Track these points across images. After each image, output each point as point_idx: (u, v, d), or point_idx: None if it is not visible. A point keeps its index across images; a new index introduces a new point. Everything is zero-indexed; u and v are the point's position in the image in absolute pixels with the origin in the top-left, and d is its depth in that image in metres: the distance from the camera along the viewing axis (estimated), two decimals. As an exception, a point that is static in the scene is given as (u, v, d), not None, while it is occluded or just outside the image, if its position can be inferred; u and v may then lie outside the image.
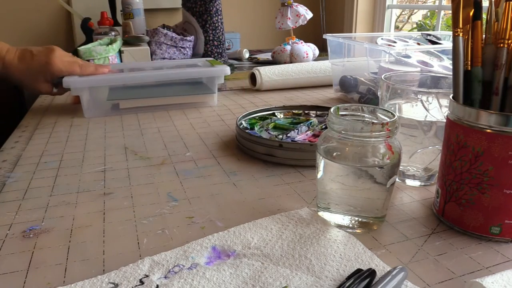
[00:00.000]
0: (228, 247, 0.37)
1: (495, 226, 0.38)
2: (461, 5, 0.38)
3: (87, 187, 0.50)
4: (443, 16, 1.55)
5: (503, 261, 0.36)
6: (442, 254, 0.37)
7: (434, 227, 0.41)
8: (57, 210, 0.45)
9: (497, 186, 0.36)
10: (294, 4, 1.30)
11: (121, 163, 0.58)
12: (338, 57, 0.95)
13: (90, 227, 0.42)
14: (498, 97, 0.37)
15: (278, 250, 0.37)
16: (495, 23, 0.37)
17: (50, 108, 0.89)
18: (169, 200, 0.47)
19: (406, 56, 0.79)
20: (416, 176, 0.50)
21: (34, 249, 0.38)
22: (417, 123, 0.47)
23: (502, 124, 0.35)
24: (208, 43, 1.35)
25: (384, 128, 0.36)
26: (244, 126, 0.66)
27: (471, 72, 0.38)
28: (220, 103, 0.91)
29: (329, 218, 0.41)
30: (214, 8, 1.32)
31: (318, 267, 0.34)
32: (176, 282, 0.32)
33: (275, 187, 0.50)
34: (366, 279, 0.32)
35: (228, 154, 0.61)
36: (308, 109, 0.73)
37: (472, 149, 0.37)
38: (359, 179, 0.38)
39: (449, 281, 0.33)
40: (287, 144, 0.56)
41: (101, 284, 0.32)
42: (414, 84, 0.53)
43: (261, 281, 0.33)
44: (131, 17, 1.32)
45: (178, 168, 0.56)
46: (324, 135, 0.40)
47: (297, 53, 1.28)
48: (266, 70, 1.02)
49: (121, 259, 0.36)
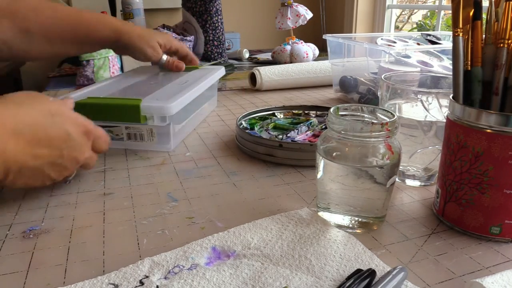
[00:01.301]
0: (228, 248, 0.37)
1: (495, 226, 0.38)
2: (461, 5, 0.38)
3: (87, 187, 0.50)
4: (443, 16, 1.55)
5: (503, 261, 0.36)
6: (442, 254, 0.37)
7: (434, 227, 0.41)
8: (57, 210, 0.45)
9: (497, 186, 0.36)
10: (294, 4, 1.30)
11: (121, 163, 0.58)
12: (338, 57, 0.95)
13: (90, 228, 0.42)
14: (498, 97, 0.37)
15: (278, 250, 0.37)
16: (495, 23, 0.37)
17: (50, 108, 0.89)
18: (169, 200, 0.47)
19: (406, 56, 0.79)
20: (416, 176, 0.50)
21: (34, 249, 0.38)
22: (417, 123, 0.47)
23: (502, 124, 0.35)
24: (208, 43, 1.35)
25: (384, 128, 0.36)
26: (244, 126, 0.66)
27: (471, 72, 0.38)
28: (220, 103, 0.91)
29: (329, 218, 0.41)
30: (214, 8, 1.32)
31: (318, 267, 0.34)
32: (176, 282, 0.32)
33: (275, 187, 0.50)
34: (366, 279, 0.32)
35: (228, 154, 0.61)
36: (308, 109, 0.73)
37: (472, 149, 0.37)
38: (359, 179, 0.38)
39: (449, 281, 0.33)
40: (287, 144, 0.56)
41: (101, 285, 0.32)
42: (414, 84, 0.53)
43: (261, 282, 0.33)
44: (131, 17, 1.32)
45: (178, 168, 0.56)
46: (324, 135, 0.40)
47: (297, 53, 1.28)
48: (266, 70, 1.02)
49: (121, 259, 0.36)
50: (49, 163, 0.40)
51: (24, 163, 0.38)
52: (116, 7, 1.53)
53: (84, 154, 0.44)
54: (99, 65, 1.04)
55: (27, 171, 0.39)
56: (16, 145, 0.37)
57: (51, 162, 0.41)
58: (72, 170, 0.44)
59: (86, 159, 0.45)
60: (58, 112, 0.42)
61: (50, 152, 0.40)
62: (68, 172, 0.44)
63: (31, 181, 0.41)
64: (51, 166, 0.41)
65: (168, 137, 0.61)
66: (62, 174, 0.43)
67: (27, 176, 0.40)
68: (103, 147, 0.48)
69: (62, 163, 0.42)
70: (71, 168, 0.44)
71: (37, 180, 0.41)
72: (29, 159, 0.38)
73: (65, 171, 0.43)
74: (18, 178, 0.39)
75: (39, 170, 0.40)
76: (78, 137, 0.43)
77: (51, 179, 0.42)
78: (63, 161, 0.42)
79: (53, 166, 0.41)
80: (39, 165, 0.40)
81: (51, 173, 0.41)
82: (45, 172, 0.41)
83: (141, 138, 0.62)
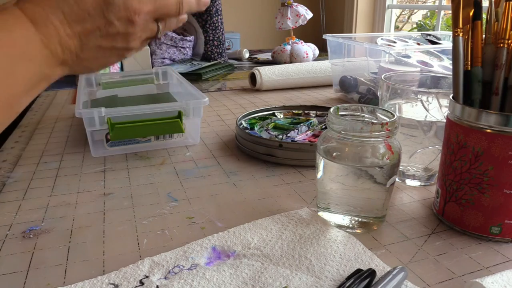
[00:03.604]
0: (228, 248, 0.37)
1: (495, 226, 0.38)
2: (461, 5, 0.38)
3: (87, 187, 0.50)
4: (443, 16, 1.55)
5: (503, 261, 0.36)
6: (442, 254, 0.37)
7: (434, 227, 0.41)
8: (57, 210, 0.45)
9: (497, 186, 0.36)
10: (294, 4, 1.30)
11: (121, 163, 0.58)
12: (338, 57, 0.95)
13: (90, 228, 0.42)
14: (498, 97, 0.37)
15: (278, 250, 0.37)
16: (495, 23, 0.37)
17: (50, 108, 0.89)
18: (169, 200, 0.47)
19: (406, 56, 0.79)
20: (416, 176, 0.50)
21: (34, 249, 0.38)
22: (417, 123, 0.47)
23: (502, 124, 0.35)
24: (208, 43, 1.35)
25: (384, 128, 0.36)
26: (244, 126, 0.66)
27: (471, 72, 0.38)
28: (220, 103, 0.91)
29: (329, 218, 0.41)
30: (214, 8, 1.32)
31: (318, 267, 0.34)
32: (176, 282, 0.32)
33: (275, 187, 0.50)
34: (366, 279, 0.32)
35: (228, 154, 0.61)
36: (308, 109, 0.73)
37: (472, 149, 0.37)
38: (359, 179, 0.38)
39: (449, 281, 0.33)
40: (287, 144, 0.56)
41: (101, 285, 0.32)
42: (414, 84, 0.53)
43: (261, 282, 0.33)
44: (131, 17, 1.31)
45: (178, 168, 0.56)
46: (324, 135, 0.40)
47: (297, 53, 1.28)
48: (266, 70, 1.02)
49: (121, 259, 0.36)
50: (103, 36, 0.34)
51: (75, 46, 0.33)
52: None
53: (136, 8, 0.35)
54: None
55: (87, 53, 0.34)
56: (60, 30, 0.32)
57: (105, 35, 0.34)
58: (136, 31, 0.36)
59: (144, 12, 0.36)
60: None
61: (93, 25, 0.34)
62: (134, 35, 0.36)
63: (105, 61, 0.36)
64: (109, 38, 0.35)
65: (197, 130, 0.65)
66: (129, 40, 0.36)
67: (92, 57, 0.35)
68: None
69: (117, 30, 0.35)
70: (132, 31, 0.36)
71: (109, 57, 0.36)
72: (76, 41, 0.33)
73: (130, 37, 0.36)
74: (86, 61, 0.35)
75: (98, 48, 0.35)
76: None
77: (126, 49, 0.37)
78: (117, 27, 0.35)
79: (111, 37, 0.35)
80: (93, 43, 0.34)
81: (116, 44, 0.36)
82: (108, 47, 0.35)
83: (170, 136, 0.63)
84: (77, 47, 0.34)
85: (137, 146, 0.62)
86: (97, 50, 0.35)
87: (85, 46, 0.34)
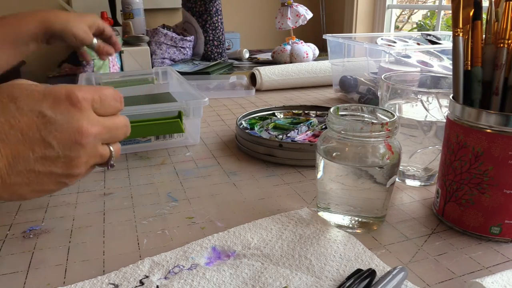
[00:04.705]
0: (228, 248, 0.37)
1: (495, 226, 0.38)
2: (461, 5, 0.38)
3: (87, 187, 0.50)
4: (443, 16, 1.55)
5: (503, 261, 0.36)
6: (442, 254, 0.37)
7: (434, 227, 0.41)
8: (57, 210, 0.45)
9: (497, 186, 0.36)
10: (294, 4, 1.30)
11: (121, 163, 0.58)
12: (338, 57, 0.95)
13: (90, 228, 0.42)
14: (498, 97, 0.37)
15: (278, 250, 0.37)
16: (495, 23, 0.37)
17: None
18: (169, 200, 0.47)
19: (406, 56, 0.79)
20: (416, 176, 0.50)
21: (34, 249, 0.38)
22: (417, 123, 0.47)
23: (502, 124, 0.35)
24: (208, 43, 1.35)
25: (384, 128, 0.36)
26: (244, 126, 0.66)
27: (471, 72, 0.38)
28: (220, 103, 0.91)
29: (329, 218, 0.41)
30: (214, 8, 1.32)
31: (318, 267, 0.34)
32: (176, 282, 0.32)
33: (275, 187, 0.50)
34: (366, 279, 0.32)
35: (228, 154, 0.61)
36: (308, 109, 0.73)
37: (472, 149, 0.37)
38: (359, 179, 0.38)
39: (449, 281, 0.33)
40: (287, 144, 0.56)
41: (101, 285, 0.32)
42: (414, 84, 0.53)
43: (261, 282, 0.33)
44: (131, 17, 1.32)
45: (178, 168, 0.56)
46: (324, 135, 0.40)
47: (297, 53, 1.28)
48: (266, 70, 1.02)
49: (121, 259, 0.36)
50: (39, 160, 0.29)
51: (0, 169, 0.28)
52: (116, 7, 1.53)
53: (83, 128, 0.30)
54: (99, 65, 1.04)
55: (16, 178, 0.29)
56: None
57: (40, 158, 0.29)
58: (82, 156, 0.31)
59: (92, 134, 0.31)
60: (19, 92, 0.29)
61: (25, 147, 0.29)
62: (78, 160, 0.31)
63: (39, 188, 0.31)
64: (46, 162, 0.30)
65: (197, 130, 0.65)
66: (71, 166, 0.31)
67: (24, 183, 0.30)
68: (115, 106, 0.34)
69: (57, 154, 0.30)
70: (76, 155, 0.31)
71: (44, 184, 0.31)
72: (2, 164, 0.28)
73: (73, 162, 0.31)
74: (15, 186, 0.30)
75: (33, 173, 0.30)
76: (57, 112, 0.29)
77: (66, 176, 0.31)
78: (56, 150, 0.30)
79: (48, 161, 0.30)
80: (23, 167, 0.29)
81: (55, 169, 0.30)
82: (45, 172, 0.30)
83: (170, 136, 0.63)
84: (2, 170, 0.28)
85: (137, 146, 0.62)
86: (29, 175, 0.30)
87: (14, 170, 0.29)
